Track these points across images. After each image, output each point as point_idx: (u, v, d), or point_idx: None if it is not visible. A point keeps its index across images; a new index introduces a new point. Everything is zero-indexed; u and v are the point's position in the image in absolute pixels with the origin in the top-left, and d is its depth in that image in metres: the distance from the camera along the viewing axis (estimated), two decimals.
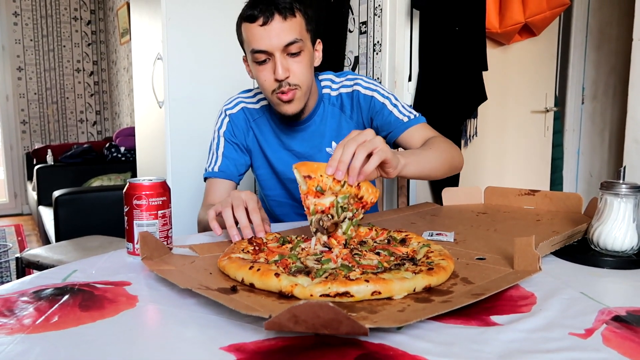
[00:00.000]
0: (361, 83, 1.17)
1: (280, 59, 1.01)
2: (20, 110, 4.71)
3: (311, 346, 0.46)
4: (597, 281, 0.65)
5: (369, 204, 0.75)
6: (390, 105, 1.14)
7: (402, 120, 1.13)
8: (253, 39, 1.01)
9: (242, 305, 0.51)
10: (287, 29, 1.00)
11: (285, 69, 1.01)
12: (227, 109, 1.23)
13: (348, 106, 1.18)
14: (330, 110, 1.18)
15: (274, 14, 0.99)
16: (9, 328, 0.50)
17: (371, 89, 1.16)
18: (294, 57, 1.03)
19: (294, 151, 1.19)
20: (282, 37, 1.00)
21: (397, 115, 1.14)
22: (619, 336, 0.48)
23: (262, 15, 0.99)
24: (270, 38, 0.99)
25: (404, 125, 1.12)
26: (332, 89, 1.19)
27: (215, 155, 1.21)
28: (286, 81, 1.02)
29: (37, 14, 4.72)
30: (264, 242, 0.75)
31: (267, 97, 1.10)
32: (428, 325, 0.50)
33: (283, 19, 1.00)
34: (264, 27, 0.99)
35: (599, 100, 2.75)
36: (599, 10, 2.68)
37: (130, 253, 0.77)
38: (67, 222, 2.43)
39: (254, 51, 1.02)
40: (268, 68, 1.03)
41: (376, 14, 1.97)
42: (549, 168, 2.61)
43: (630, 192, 0.73)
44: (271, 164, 1.21)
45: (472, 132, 2.11)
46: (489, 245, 0.77)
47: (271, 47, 1.00)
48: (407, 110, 1.15)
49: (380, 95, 1.15)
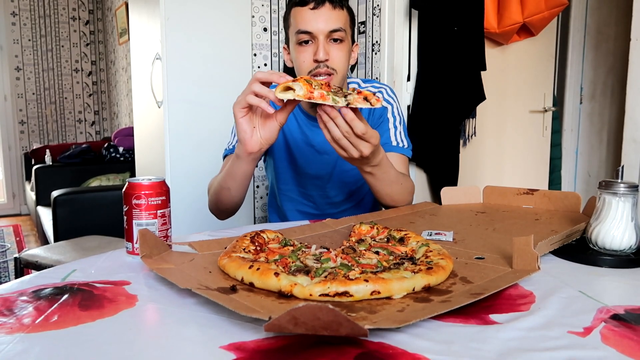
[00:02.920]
0: (384, 93, 1.24)
1: (323, 42, 1.07)
2: (19, 111, 4.71)
3: (311, 345, 0.46)
4: (596, 280, 0.66)
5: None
6: (392, 124, 1.21)
7: (391, 143, 1.20)
8: (301, 20, 1.08)
9: (242, 306, 0.51)
10: (335, 17, 1.08)
11: (326, 52, 1.07)
12: None
13: (366, 110, 1.22)
14: None
15: (325, 2, 1.07)
16: (8, 327, 0.50)
17: (389, 102, 1.23)
18: (336, 44, 1.09)
19: (315, 147, 1.22)
20: (328, 22, 1.07)
21: (391, 136, 1.21)
22: (618, 334, 0.48)
23: (313, 1, 1.07)
24: (317, 22, 1.07)
25: (389, 147, 1.19)
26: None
27: (233, 134, 1.22)
28: (324, 63, 1.08)
29: (35, 14, 4.71)
30: (265, 242, 0.75)
31: None
32: (427, 323, 0.50)
33: (332, 7, 1.08)
34: (313, 11, 1.07)
35: (597, 100, 2.76)
36: (597, 10, 2.69)
37: (129, 252, 0.77)
38: (66, 222, 2.43)
39: (299, 31, 1.08)
40: (309, 50, 1.09)
41: (375, 13, 1.97)
42: (547, 167, 2.61)
43: (629, 191, 0.73)
44: (293, 158, 1.23)
45: (470, 132, 2.11)
46: (487, 245, 0.78)
47: (317, 29, 1.07)
48: (402, 137, 1.22)
49: (391, 111, 1.22)
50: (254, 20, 2.22)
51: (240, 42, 2.19)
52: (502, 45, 2.20)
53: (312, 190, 1.26)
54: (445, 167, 1.98)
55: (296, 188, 1.27)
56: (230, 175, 1.02)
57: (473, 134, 2.12)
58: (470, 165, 2.14)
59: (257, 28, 2.23)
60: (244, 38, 2.20)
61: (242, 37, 2.20)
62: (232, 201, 1.08)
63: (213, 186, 1.12)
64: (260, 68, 2.26)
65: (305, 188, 1.26)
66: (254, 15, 2.22)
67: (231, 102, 0.91)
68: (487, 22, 1.97)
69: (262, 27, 2.25)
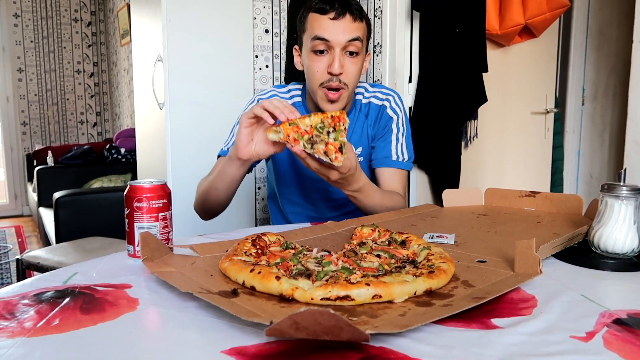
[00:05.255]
0: (391, 101, 1.22)
1: (339, 54, 1.06)
2: (21, 112, 4.72)
3: (312, 350, 0.46)
4: (598, 284, 0.65)
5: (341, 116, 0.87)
6: (395, 136, 1.21)
7: (390, 157, 1.20)
8: (319, 28, 1.07)
9: (243, 310, 0.51)
10: (355, 28, 1.07)
11: (341, 65, 1.07)
12: (260, 97, 1.24)
13: (373, 117, 1.23)
14: (358, 116, 1.23)
15: (346, 13, 1.06)
16: (9, 331, 0.50)
17: (396, 112, 1.22)
18: (351, 57, 1.09)
19: None
20: (347, 33, 1.06)
21: (392, 149, 1.20)
22: (620, 339, 0.48)
23: (334, 11, 1.06)
24: (336, 32, 1.06)
25: (388, 162, 1.19)
26: (364, 97, 1.24)
27: (231, 135, 1.22)
28: (338, 77, 1.07)
29: (37, 16, 4.72)
30: (266, 245, 0.75)
31: (311, 89, 1.13)
32: (429, 328, 0.50)
33: (353, 20, 1.07)
34: (333, 21, 1.06)
35: (599, 101, 2.75)
36: (599, 12, 2.68)
37: (130, 255, 0.77)
38: (68, 224, 2.43)
39: (316, 38, 1.07)
40: (323, 60, 1.08)
41: (376, 15, 1.97)
42: (549, 169, 2.61)
43: (631, 194, 0.73)
44: (295, 160, 1.23)
45: (472, 134, 2.11)
46: (489, 248, 0.77)
47: (335, 39, 1.06)
48: (403, 150, 1.21)
49: (396, 122, 1.21)
50: (256, 21, 2.22)
51: (241, 43, 2.19)
52: (504, 46, 2.20)
53: (313, 192, 1.25)
54: (446, 169, 1.98)
55: (298, 191, 1.26)
56: (220, 175, 1.06)
57: (474, 136, 2.12)
58: (472, 167, 2.14)
59: (258, 30, 2.23)
60: (246, 39, 2.20)
61: (244, 38, 2.20)
62: (217, 202, 1.10)
63: (202, 185, 1.14)
64: (261, 69, 2.26)
65: (307, 190, 1.25)
66: (256, 17, 2.22)
67: (233, 103, 0.93)
68: (488, 24, 1.96)
69: (263, 29, 2.25)
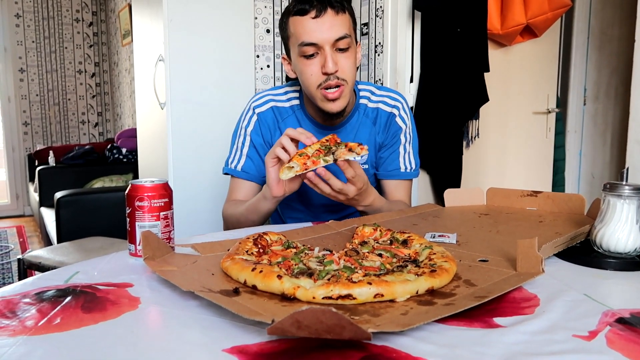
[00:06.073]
0: (400, 109, 1.19)
1: (330, 52, 1.02)
2: (22, 112, 4.72)
3: (314, 348, 0.45)
4: (601, 283, 0.65)
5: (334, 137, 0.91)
6: (403, 146, 1.20)
7: (398, 169, 1.19)
8: (303, 31, 1.02)
9: (245, 309, 0.51)
10: (339, 23, 1.02)
11: (335, 62, 1.02)
12: (256, 106, 1.20)
13: (381, 124, 1.19)
14: (364, 121, 1.19)
15: (326, 8, 1.01)
16: (11, 330, 0.50)
17: (404, 121, 1.20)
18: (343, 53, 1.04)
19: None
20: (333, 30, 1.02)
21: (400, 160, 1.19)
22: (623, 338, 0.48)
23: (314, 9, 1.01)
24: (322, 31, 1.01)
25: (397, 174, 1.19)
26: (370, 101, 1.20)
27: (240, 153, 1.20)
28: (334, 75, 1.03)
29: (38, 16, 4.73)
30: (268, 244, 0.75)
31: (309, 94, 1.09)
32: (431, 327, 0.50)
33: (335, 13, 1.02)
34: (315, 20, 1.01)
35: (600, 101, 2.75)
36: (600, 12, 2.68)
37: (132, 254, 0.77)
38: (69, 224, 2.43)
39: (303, 44, 1.03)
40: (315, 62, 1.04)
41: (377, 15, 1.97)
42: (550, 169, 2.61)
43: (633, 193, 0.73)
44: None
45: (473, 134, 2.11)
46: (491, 247, 0.77)
47: (322, 40, 1.01)
48: (410, 159, 1.21)
49: (404, 132, 1.20)
50: (257, 21, 2.22)
51: (243, 43, 2.20)
52: (506, 46, 2.20)
53: (313, 199, 1.22)
54: (448, 168, 1.98)
55: (298, 197, 1.23)
56: (255, 212, 1.08)
57: (476, 136, 2.12)
58: (474, 167, 2.14)
59: (259, 29, 2.23)
60: (247, 39, 2.21)
61: (245, 38, 2.20)
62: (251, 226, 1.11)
63: (233, 215, 1.14)
64: (262, 69, 2.26)
65: (308, 197, 1.22)
66: (257, 17, 2.22)
67: (234, 103, 0.94)
68: (490, 24, 1.96)
69: (264, 29, 2.25)
